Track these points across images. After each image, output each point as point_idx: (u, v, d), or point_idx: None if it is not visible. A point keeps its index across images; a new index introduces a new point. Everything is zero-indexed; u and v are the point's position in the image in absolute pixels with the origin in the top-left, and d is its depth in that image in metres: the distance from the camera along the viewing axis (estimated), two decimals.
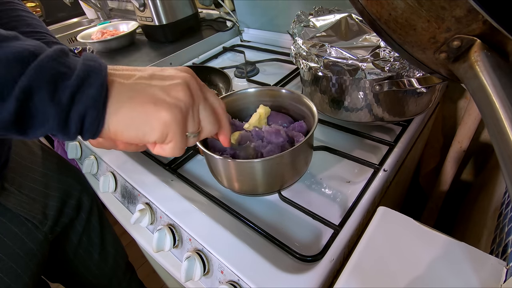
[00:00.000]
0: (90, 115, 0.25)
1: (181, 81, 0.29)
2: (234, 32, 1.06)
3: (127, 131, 0.27)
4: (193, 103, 0.29)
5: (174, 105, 0.27)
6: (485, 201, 0.55)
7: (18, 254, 0.50)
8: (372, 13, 0.24)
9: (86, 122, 0.25)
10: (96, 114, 0.25)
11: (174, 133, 0.28)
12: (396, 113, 0.52)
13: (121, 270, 0.81)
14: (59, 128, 0.24)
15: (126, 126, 0.27)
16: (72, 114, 0.24)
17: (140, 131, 0.27)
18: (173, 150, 0.29)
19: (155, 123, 0.27)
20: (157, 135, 0.28)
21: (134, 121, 0.27)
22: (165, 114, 0.27)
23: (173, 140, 0.28)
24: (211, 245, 0.42)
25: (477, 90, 0.19)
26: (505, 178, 0.17)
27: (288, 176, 0.43)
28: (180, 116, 0.28)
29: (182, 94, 0.28)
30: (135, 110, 0.26)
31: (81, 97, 0.24)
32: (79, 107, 0.24)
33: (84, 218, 0.68)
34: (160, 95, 0.27)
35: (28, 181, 0.56)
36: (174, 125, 0.27)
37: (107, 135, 0.27)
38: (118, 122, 0.26)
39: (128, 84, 0.27)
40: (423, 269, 0.31)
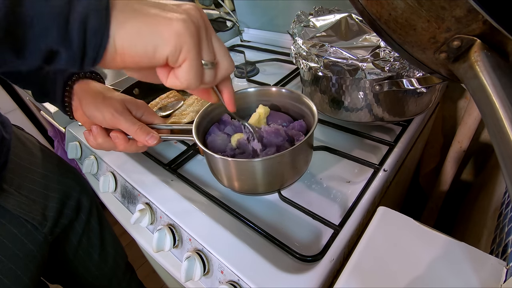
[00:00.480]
0: (92, 20, 0.22)
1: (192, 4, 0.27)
2: (234, 32, 1.06)
3: (135, 45, 0.24)
4: (205, 26, 0.27)
5: (188, 18, 0.25)
6: (485, 201, 0.55)
7: (17, 255, 0.50)
8: (372, 13, 0.24)
9: (89, 31, 0.22)
10: (98, 20, 0.22)
11: (188, 47, 0.25)
12: (396, 113, 0.52)
13: (121, 271, 0.81)
14: (59, 37, 0.22)
15: (133, 40, 0.24)
16: (72, 17, 0.21)
17: (150, 44, 0.24)
18: (189, 74, 0.26)
19: (167, 33, 0.24)
20: (169, 48, 0.25)
21: (143, 33, 0.24)
22: (178, 24, 0.24)
23: (188, 58, 0.25)
24: (211, 245, 0.42)
25: (477, 90, 0.19)
26: (505, 178, 0.17)
27: (288, 176, 0.43)
28: (194, 29, 0.25)
29: (194, 12, 0.26)
30: (143, 21, 0.24)
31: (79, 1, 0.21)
32: (79, 9, 0.21)
33: (83, 219, 0.68)
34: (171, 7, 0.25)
35: (27, 182, 0.56)
36: (188, 37, 0.25)
37: (113, 55, 0.24)
38: (125, 34, 0.24)
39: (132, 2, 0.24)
40: (423, 269, 0.31)
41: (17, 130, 0.62)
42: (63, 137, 0.88)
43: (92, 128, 0.41)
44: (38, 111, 1.35)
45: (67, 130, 0.75)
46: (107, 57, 0.24)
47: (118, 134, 0.40)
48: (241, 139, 0.45)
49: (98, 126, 0.41)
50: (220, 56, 0.29)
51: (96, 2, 0.22)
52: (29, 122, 1.41)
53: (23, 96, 1.34)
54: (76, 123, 0.75)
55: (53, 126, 1.10)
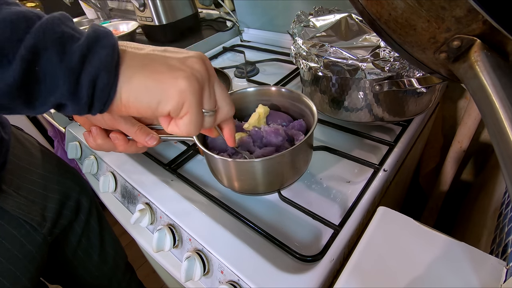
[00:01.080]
0: (102, 78, 0.23)
1: (196, 55, 0.28)
2: (234, 32, 1.06)
3: (139, 99, 0.25)
4: (209, 78, 0.28)
5: (191, 74, 0.26)
6: (485, 201, 0.55)
7: (17, 256, 0.50)
8: (372, 13, 0.24)
9: (98, 88, 0.24)
10: (108, 78, 0.23)
11: (190, 103, 0.26)
12: (396, 113, 0.52)
13: (121, 271, 0.81)
14: (69, 94, 0.23)
15: (139, 94, 0.25)
16: (83, 77, 0.23)
17: (154, 100, 0.26)
18: (189, 126, 0.28)
19: (171, 90, 0.25)
20: (172, 104, 0.26)
21: (148, 89, 0.25)
22: (182, 82, 0.25)
23: (189, 111, 0.27)
24: (211, 245, 0.42)
25: (477, 90, 0.19)
26: (505, 178, 0.17)
27: (288, 176, 0.43)
28: (197, 86, 0.26)
29: (198, 65, 0.27)
30: (149, 77, 0.25)
31: (92, 59, 0.23)
32: (90, 69, 0.23)
33: (83, 220, 0.68)
34: (176, 64, 0.26)
35: (27, 183, 0.56)
36: (190, 94, 0.26)
37: (118, 106, 0.25)
38: (131, 89, 0.25)
39: (141, 54, 0.26)
40: (423, 269, 0.31)
41: (16, 130, 0.62)
42: (63, 137, 0.88)
43: (91, 129, 0.41)
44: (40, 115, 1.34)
45: (67, 130, 0.75)
46: (113, 108, 0.26)
47: (117, 135, 0.40)
48: (243, 138, 0.45)
49: (98, 127, 0.41)
50: (221, 103, 0.30)
51: (107, 61, 0.23)
52: (29, 122, 1.41)
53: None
54: (76, 123, 0.75)
55: (53, 126, 1.10)
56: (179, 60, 0.27)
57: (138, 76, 0.25)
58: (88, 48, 0.23)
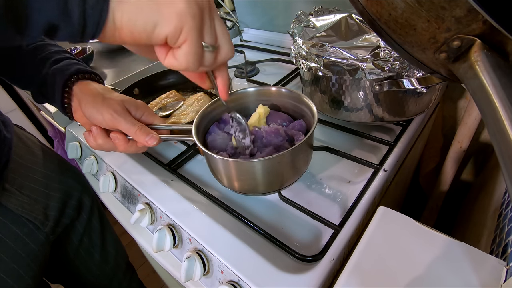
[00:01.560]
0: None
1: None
2: (234, 32, 1.06)
3: (134, 22, 0.23)
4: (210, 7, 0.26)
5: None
6: (485, 201, 0.55)
7: (20, 255, 0.50)
8: (372, 13, 0.24)
9: (88, 6, 0.22)
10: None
11: (190, 28, 0.24)
12: (396, 113, 0.52)
13: (122, 270, 0.81)
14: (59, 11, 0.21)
15: (133, 14, 0.23)
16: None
17: (150, 22, 0.24)
18: (188, 56, 0.25)
19: (168, 12, 0.23)
20: (169, 28, 0.24)
21: (143, 9, 0.23)
22: (180, 3, 0.23)
23: (188, 38, 0.25)
24: (211, 245, 0.42)
25: (477, 90, 0.19)
26: (505, 178, 0.17)
27: (288, 176, 0.43)
28: (197, 11, 0.24)
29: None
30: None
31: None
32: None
33: (85, 219, 0.68)
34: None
35: (29, 181, 0.56)
36: (189, 18, 0.24)
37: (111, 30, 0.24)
38: (124, 8, 0.23)
39: None
40: (423, 269, 0.31)
41: (18, 129, 0.62)
42: (63, 137, 0.88)
43: (92, 129, 0.41)
44: (38, 111, 1.35)
45: (67, 130, 0.75)
46: (106, 32, 0.24)
47: (118, 135, 0.40)
48: None
49: (98, 127, 0.41)
50: (221, 40, 0.28)
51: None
52: (29, 122, 1.41)
53: (23, 96, 1.34)
54: (76, 123, 0.75)
55: (53, 126, 1.10)
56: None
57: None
58: None
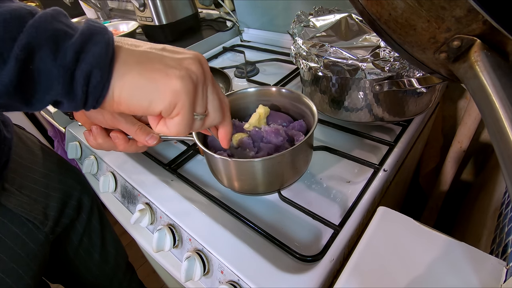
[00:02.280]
0: (95, 75, 0.23)
1: (193, 56, 0.28)
2: (234, 32, 1.06)
3: (132, 98, 0.25)
4: (204, 80, 0.28)
5: (187, 76, 0.26)
6: (485, 201, 0.55)
7: (19, 255, 0.50)
8: (372, 13, 0.24)
9: (91, 85, 0.24)
10: (101, 75, 0.23)
11: (183, 105, 0.26)
12: (396, 113, 0.52)
13: (122, 271, 0.81)
14: (64, 91, 0.23)
15: (132, 92, 0.25)
16: (77, 74, 0.23)
17: (147, 99, 0.25)
18: (179, 126, 0.28)
19: (165, 90, 0.25)
20: (164, 104, 0.26)
21: (141, 88, 0.25)
22: (176, 82, 0.25)
23: (181, 113, 0.27)
24: (211, 245, 0.42)
25: (477, 90, 0.19)
26: (505, 178, 0.17)
27: (288, 176, 0.43)
28: (191, 88, 0.26)
29: (195, 67, 0.27)
30: (143, 75, 0.25)
31: (85, 56, 0.23)
32: (84, 66, 0.23)
33: (84, 219, 0.68)
34: (172, 63, 0.26)
35: (29, 181, 0.56)
36: (184, 95, 0.26)
37: (110, 103, 0.25)
38: (124, 87, 0.25)
39: (137, 51, 0.26)
40: (423, 269, 0.31)
41: (18, 129, 0.62)
42: (63, 137, 0.88)
43: (92, 128, 0.41)
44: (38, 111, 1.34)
45: (67, 130, 0.75)
46: (105, 104, 0.26)
47: (118, 134, 0.40)
48: (243, 138, 0.45)
49: (98, 126, 0.41)
50: (210, 108, 0.30)
51: (100, 57, 0.23)
52: (29, 122, 1.41)
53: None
54: (76, 123, 0.75)
55: (53, 126, 1.10)
56: (175, 60, 0.27)
57: (132, 73, 0.25)
58: (82, 45, 0.23)
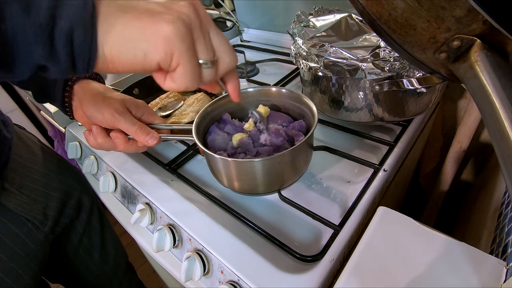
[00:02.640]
0: (78, 33, 0.21)
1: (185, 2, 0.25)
2: (234, 32, 1.06)
3: (124, 52, 0.23)
4: (201, 23, 0.25)
5: (177, 18, 0.23)
6: (485, 201, 0.55)
7: (19, 254, 0.50)
8: (372, 13, 0.24)
9: (76, 44, 0.21)
10: (84, 31, 0.21)
11: (180, 52, 0.24)
12: (396, 113, 0.52)
13: (122, 270, 0.81)
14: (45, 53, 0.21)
15: (122, 46, 0.23)
16: (56, 33, 0.21)
17: (139, 51, 0.23)
18: (184, 78, 0.25)
19: (155, 38, 0.23)
20: (159, 54, 0.23)
21: (131, 39, 0.23)
22: (166, 26, 0.23)
23: (181, 62, 0.24)
24: (211, 245, 0.42)
25: (477, 90, 0.19)
26: (505, 178, 0.17)
27: (288, 176, 0.43)
28: (185, 31, 0.23)
29: (187, 9, 0.24)
30: (129, 25, 0.22)
31: (62, 12, 0.20)
32: (62, 23, 0.20)
33: (84, 218, 0.68)
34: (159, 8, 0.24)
35: (29, 181, 0.56)
36: (177, 40, 0.23)
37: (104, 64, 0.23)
38: (113, 41, 0.22)
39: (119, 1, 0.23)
40: (423, 269, 0.31)
41: (18, 129, 0.62)
42: (63, 137, 0.88)
43: (92, 128, 0.41)
44: (38, 111, 1.35)
45: (67, 130, 0.75)
46: (98, 65, 0.24)
47: (118, 134, 0.41)
48: (243, 138, 0.45)
49: (98, 126, 0.41)
50: (220, 52, 0.27)
51: (80, 13, 0.21)
52: (29, 122, 1.41)
53: (23, 96, 1.34)
54: (76, 123, 0.75)
55: (53, 126, 1.10)
56: (163, 4, 0.24)
57: (118, 26, 0.22)
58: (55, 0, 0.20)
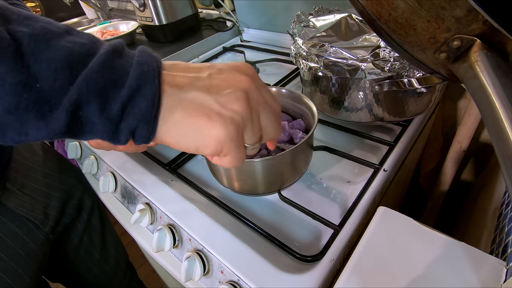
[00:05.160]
0: (141, 128, 0.24)
1: (240, 92, 0.26)
2: (234, 32, 1.06)
3: (178, 143, 0.26)
4: (252, 113, 0.27)
5: (229, 120, 0.25)
6: (485, 201, 0.55)
7: (19, 254, 0.50)
8: (372, 13, 0.24)
9: (137, 135, 0.24)
10: (147, 128, 0.24)
11: (229, 149, 0.26)
12: (396, 113, 0.52)
13: (122, 270, 0.81)
14: (109, 138, 0.24)
15: (177, 139, 0.25)
16: (122, 126, 0.23)
17: (192, 145, 0.26)
18: (232, 163, 0.27)
19: (208, 138, 0.25)
20: (210, 151, 0.26)
21: (186, 134, 0.25)
22: (218, 131, 0.25)
23: (229, 154, 0.26)
24: (211, 245, 0.42)
25: (477, 90, 0.19)
26: (505, 178, 0.17)
27: (288, 176, 0.43)
28: (235, 132, 0.25)
29: (240, 106, 0.26)
30: (186, 123, 0.25)
31: (131, 110, 0.23)
32: (130, 121, 0.23)
33: (85, 218, 0.68)
34: (214, 106, 0.25)
35: (30, 181, 0.56)
36: (228, 141, 0.25)
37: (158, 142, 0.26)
38: (169, 134, 0.25)
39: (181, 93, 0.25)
40: (423, 269, 0.31)
41: None
42: None
43: None
44: None
45: None
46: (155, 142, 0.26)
47: None
48: None
49: None
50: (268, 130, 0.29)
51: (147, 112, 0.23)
52: None
53: None
54: None
55: None
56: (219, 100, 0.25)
57: (176, 121, 0.25)
58: (129, 98, 0.22)
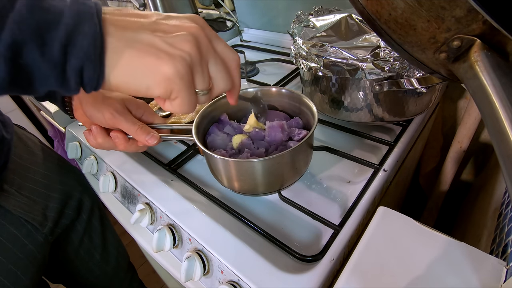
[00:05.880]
0: (88, 69, 0.23)
1: (190, 35, 0.26)
2: (234, 32, 1.06)
3: (128, 84, 0.25)
4: (201, 57, 0.27)
5: (179, 58, 0.25)
6: (485, 201, 0.55)
7: (18, 256, 0.50)
8: (372, 13, 0.24)
9: (85, 77, 0.23)
10: (93, 68, 0.23)
11: (179, 89, 0.26)
12: (396, 113, 0.52)
13: (123, 271, 0.81)
14: (58, 84, 0.23)
15: (127, 79, 0.25)
16: (68, 69, 0.23)
17: (142, 85, 0.25)
18: (181, 107, 0.27)
19: (157, 77, 0.25)
20: (160, 91, 0.26)
21: (135, 74, 0.25)
22: (167, 68, 0.25)
23: (179, 96, 0.26)
24: (211, 245, 0.42)
25: (477, 90, 0.19)
26: (505, 178, 0.17)
27: (288, 176, 0.43)
28: (184, 70, 0.25)
29: (188, 46, 0.25)
30: (134, 62, 0.24)
31: (73, 50, 0.22)
32: (73, 61, 0.22)
33: (85, 219, 0.68)
34: (163, 46, 0.25)
35: (29, 182, 0.56)
36: (177, 80, 0.25)
37: (109, 88, 0.25)
38: (118, 75, 0.25)
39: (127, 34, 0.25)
40: (423, 269, 0.31)
41: (18, 129, 0.62)
42: (63, 137, 0.88)
43: (92, 128, 0.41)
44: (38, 111, 1.35)
45: (67, 130, 0.75)
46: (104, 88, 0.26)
47: (118, 134, 0.41)
48: (243, 140, 0.45)
49: (98, 126, 0.41)
50: (216, 80, 0.29)
51: (91, 51, 0.23)
52: (29, 122, 1.41)
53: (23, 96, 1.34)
54: (76, 123, 0.75)
55: (53, 126, 1.10)
56: (167, 41, 0.25)
57: (124, 61, 0.24)
58: (68, 37, 0.22)
